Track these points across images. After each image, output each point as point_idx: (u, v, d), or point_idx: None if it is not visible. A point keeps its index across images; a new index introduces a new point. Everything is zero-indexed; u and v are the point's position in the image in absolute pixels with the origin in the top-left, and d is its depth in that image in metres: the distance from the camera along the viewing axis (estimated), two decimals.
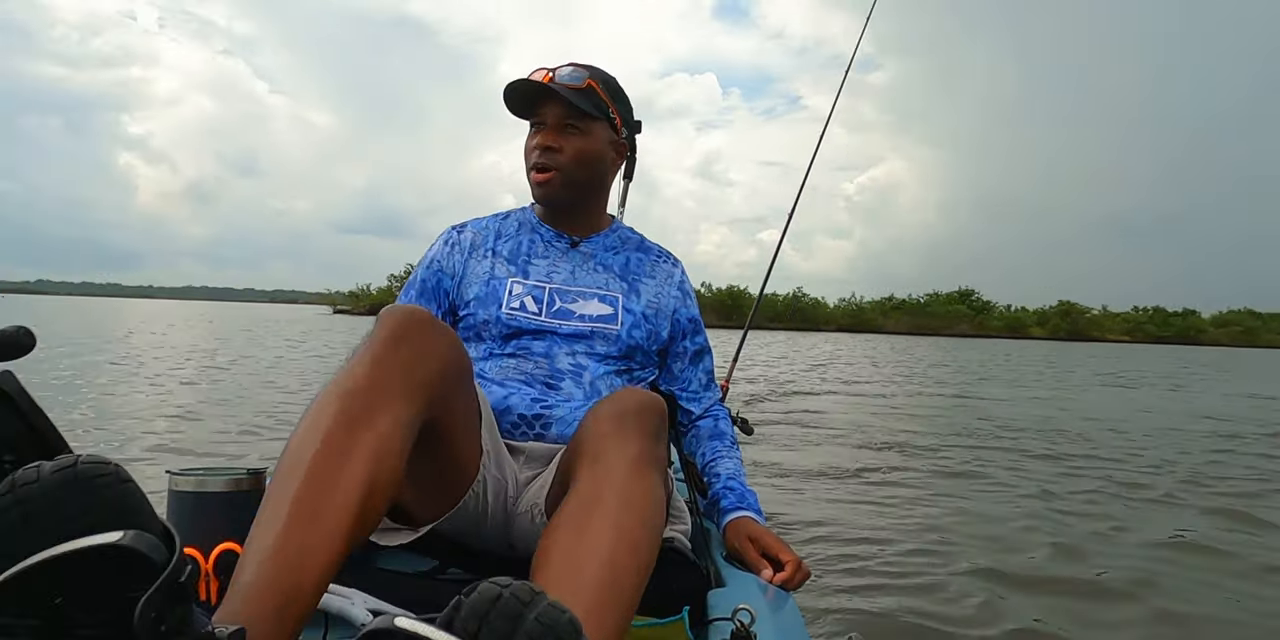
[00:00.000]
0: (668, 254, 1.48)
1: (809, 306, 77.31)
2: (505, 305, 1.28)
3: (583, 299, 1.32)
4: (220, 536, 0.90)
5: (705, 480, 1.34)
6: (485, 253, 1.35)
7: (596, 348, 1.29)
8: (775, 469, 4.03)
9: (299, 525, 0.70)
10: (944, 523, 3.09)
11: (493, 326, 1.27)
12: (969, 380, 11.89)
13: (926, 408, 7.66)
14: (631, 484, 0.86)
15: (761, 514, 1.26)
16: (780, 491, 3.52)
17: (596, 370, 1.27)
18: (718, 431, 1.41)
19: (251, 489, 0.96)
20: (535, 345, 1.26)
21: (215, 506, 0.92)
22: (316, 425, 0.79)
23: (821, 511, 3.19)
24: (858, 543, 2.76)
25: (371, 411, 0.81)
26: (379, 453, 0.78)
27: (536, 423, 1.19)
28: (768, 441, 4.86)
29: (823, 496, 3.47)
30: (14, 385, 0.73)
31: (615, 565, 0.77)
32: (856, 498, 3.47)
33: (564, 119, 1.29)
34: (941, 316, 74.79)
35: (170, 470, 0.93)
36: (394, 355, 0.86)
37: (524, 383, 1.23)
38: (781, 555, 1.15)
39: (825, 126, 2.40)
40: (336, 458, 0.76)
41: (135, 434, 4.38)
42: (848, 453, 4.66)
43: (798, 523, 2.97)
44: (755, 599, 0.99)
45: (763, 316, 74.31)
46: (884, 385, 10.22)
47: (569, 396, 1.23)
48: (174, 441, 4.19)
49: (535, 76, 1.29)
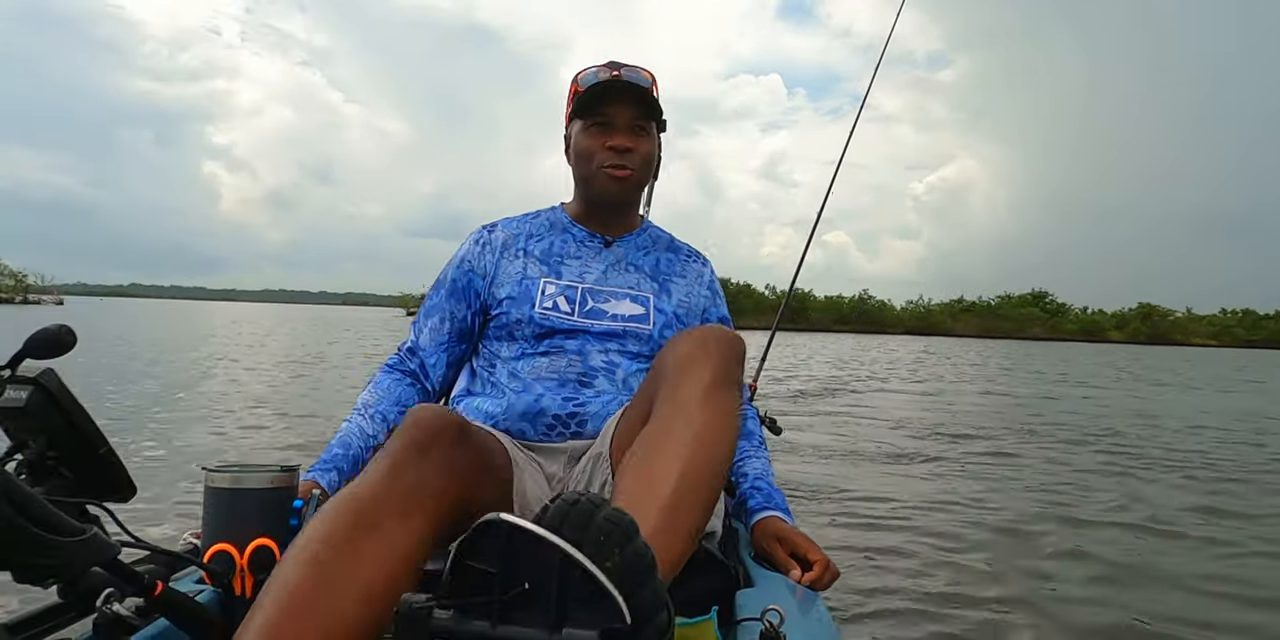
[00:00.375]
0: (697, 253, 1.48)
1: (875, 309, 76.49)
2: (538, 305, 1.29)
3: (615, 299, 1.33)
4: (255, 532, 0.93)
5: (733, 480, 1.33)
6: (517, 252, 1.36)
7: (629, 346, 1.29)
8: (817, 463, 4.02)
9: (289, 619, 0.69)
10: (989, 526, 3.01)
11: (525, 326, 1.29)
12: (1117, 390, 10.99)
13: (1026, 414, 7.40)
14: (707, 407, 0.92)
15: (790, 513, 1.25)
16: (817, 484, 3.49)
17: (629, 368, 1.28)
18: (745, 432, 1.39)
19: (286, 486, 0.99)
20: (568, 343, 1.27)
21: (250, 503, 0.95)
22: (324, 526, 0.77)
23: (859, 508, 3.15)
24: (890, 542, 2.72)
25: (381, 518, 0.79)
26: (383, 559, 0.76)
27: (571, 421, 1.20)
28: (805, 450, 4.79)
29: (867, 493, 3.41)
30: (55, 383, 0.77)
31: (690, 474, 0.85)
32: (900, 497, 3.41)
33: (635, 120, 1.31)
34: (1013, 319, 73.12)
35: (206, 466, 0.96)
36: (413, 468, 0.84)
37: (556, 382, 1.24)
38: (810, 555, 1.14)
39: (855, 122, 2.36)
40: (340, 559, 0.74)
41: (272, 430, 4.64)
42: (892, 451, 4.58)
43: (836, 516, 2.92)
44: (784, 599, 0.98)
45: (828, 319, 73.92)
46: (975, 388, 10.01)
47: (601, 392, 1.24)
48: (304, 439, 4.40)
49: (603, 76, 1.30)
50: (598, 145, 1.31)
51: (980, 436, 5.54)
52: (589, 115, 1.31)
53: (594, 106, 1.30)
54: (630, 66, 1.33)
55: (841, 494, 3.48)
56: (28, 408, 0.76)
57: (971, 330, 69.66)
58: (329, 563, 0.73)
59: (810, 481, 3.69)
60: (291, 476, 1.00)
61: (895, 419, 6.26)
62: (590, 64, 1.36)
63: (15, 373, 0.71)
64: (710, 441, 0.90)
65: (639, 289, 1.36)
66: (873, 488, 3.63)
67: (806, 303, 72.52)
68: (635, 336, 1.30)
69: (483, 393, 1.28)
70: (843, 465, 4.24)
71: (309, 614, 0.70)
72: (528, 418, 1.20)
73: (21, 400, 0.75)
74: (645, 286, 1.36)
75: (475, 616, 0.62)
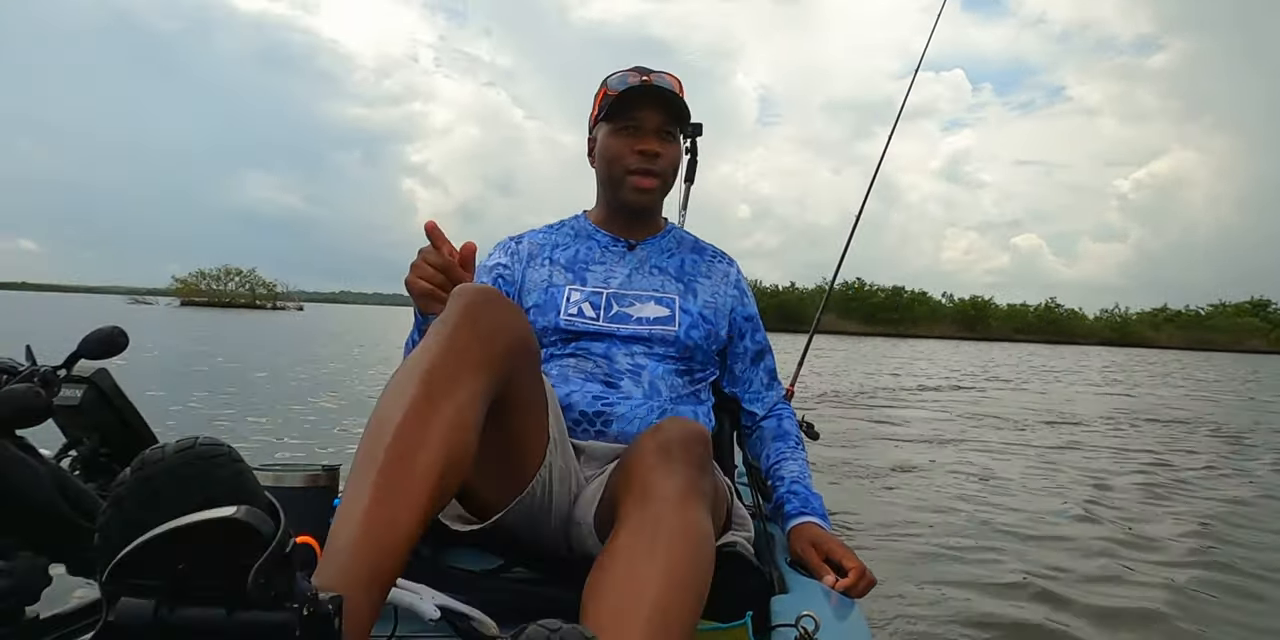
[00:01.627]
0: (723, 254, 1.48)
1: (1063, 318, 72.81)
2: (563, 311, 1.30)
3: (639, 302, 1.33)
4: (296, 530, 0.95)
5: (769, 484, 1.32)
6: (543, 261, 1.38)
7: (655, 348, 1.30)
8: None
9: (384, 497, 0.73)
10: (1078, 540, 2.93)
11: (551, 333, 1.30)
12: None
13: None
14: (677, 520, 0.86)
15: (827, 518, 1.23)
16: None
17: (656, 370, 1.28)
18: (781, 432, 1.38)
19: (327, 485, 1.01)
20: (594, 346, 1.28)
21: (291, 501, 0.97)
22: (400, 397, 0.81)
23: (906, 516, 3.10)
24: (938, 547, 2.67)
25: (452, 382, 0.83)
26: (456, 425, 0.81)
27: (598, 420, 1.20)
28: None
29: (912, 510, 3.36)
30: (109, 382, 0.80)
31: (665, 607, 0.77)
32: (955, 509, 3.35)
33: (664, 125, 1.32)
34: (1226, 330, 67.01)
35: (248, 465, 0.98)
36: (470, 329, 0.89)
37: (584, 380, 1.25)
38: (845, 561, 1.12)
39: (899, 115, 2.31)
40: (419, 429, 0.78)
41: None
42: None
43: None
44: (820, 606, 0.97)
45: (1008, 328, 69.42)
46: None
47: (629, 395, 1.24)
48: None
49: (633, 80, 1.31)
50: (626, 149, 1.32)
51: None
52: (618, 119, 1.32)
53: (624, 110, 1.31)
54: (659, 72, 1.34)
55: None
56: (82, 406, 0.78)
57: (1176, 342, 63.99)
58: (409, 437, 0.77)
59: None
60: (332, 476, 1.02)
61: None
62: (618, 68, 1.38)
63: (71, 372, 0.73)
64: (688, 556, 0.84)
65: (664, 291, 1.36)
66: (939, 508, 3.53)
67: (987, 311, 70.46)
68: (661, 339, 1.30)
69: None
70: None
71: (402, 490, 0.74)
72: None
73: (76, 399, 0.78)
74: (670, 288, 1.37)
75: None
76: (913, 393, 9.88)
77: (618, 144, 1.33)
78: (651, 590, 0.78)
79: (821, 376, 11.61)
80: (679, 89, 1.33)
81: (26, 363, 0.68)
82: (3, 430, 0.63)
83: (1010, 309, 74.57)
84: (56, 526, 0.67)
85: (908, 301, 76.43)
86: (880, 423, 6.63)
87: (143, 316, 27.08)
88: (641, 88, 1.29)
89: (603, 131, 1.35)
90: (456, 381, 0.84)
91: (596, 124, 1.38)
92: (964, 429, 6.43)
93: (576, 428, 1.21)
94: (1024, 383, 12.60)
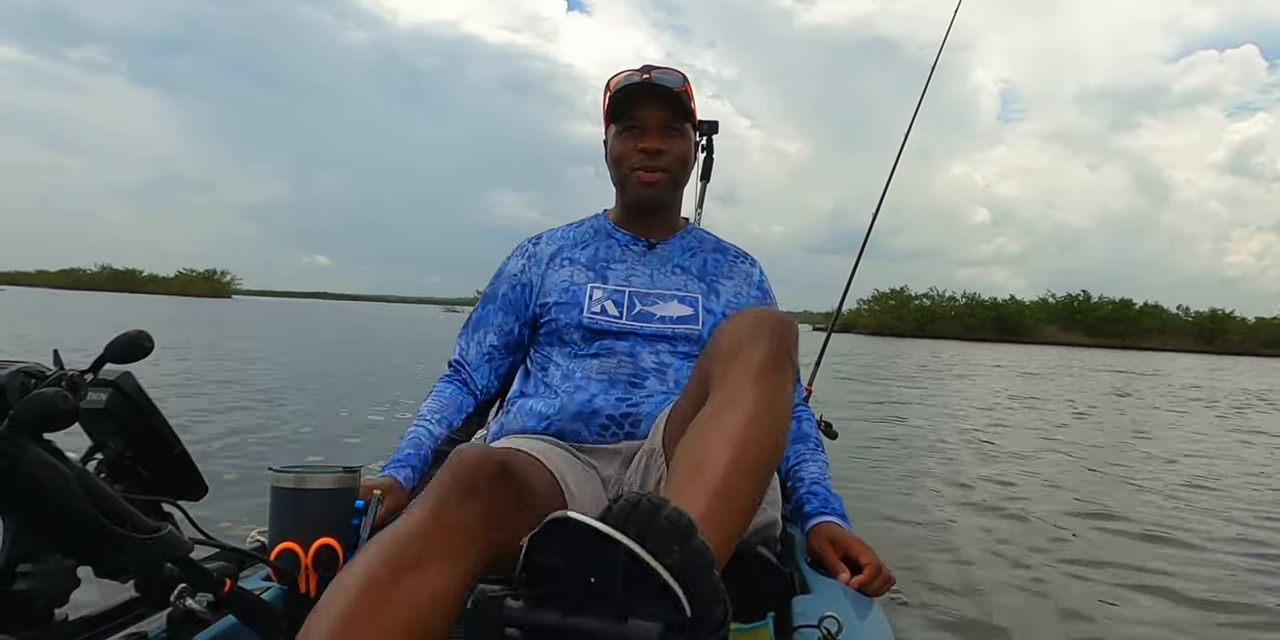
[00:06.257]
0: (745, 254, 1.48)
1: None
2: (586, 310, 1.31)
3: (662, 301, 1.33)
4: (319, 532, 0.96)
5: (789, 484, 1.31)
6: (563, 261, 1.38)
7: (679, 347, 1.30)
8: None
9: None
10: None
11: (575, 331, 1.30)
12: None
13: None
14: (758, 390, 0.91)
15: (847, 519, 1.23)
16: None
17: (680, 368, 1.27)
18: (801, 433, 1.38)
19: (349, 486, 1.02)
20: (619, 345, 1.28)
21: (314, 502, 0.98)
22: (363, 565, 0.74)
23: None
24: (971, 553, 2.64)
25: (422, 560, 0.75)
26: (419, 600, 0.72)
27: (625, 422, 1.20)
28: None
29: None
30: (133, 385, 0.80)
31: (737, 465, 0.84)
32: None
33: (666, 122, 1.32)
34: None
35: (272, 467, 0.99)
36: (456, 510, 0.80)
37: (608, 382, 1.24)
38: (861, 558, 1.12)
39: (915, 111, 2.28)
40: (375, 600, 0.71)
41: None
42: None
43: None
44: (841, 606, 0.97)
45: (1255, 342, 64.47)
46: None
47: (653, 392, 1.23)
48: None
49: (633, 79, 1.32)
50: (630, 148, 1.33)
51: None
52: (621, 119, 1.34)
53: (626, 110, 1.33)
54: (662, 68, 1.34)
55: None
56: (107, 409, 0.79)
57: None
58: (367, 601, 0.71)
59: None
60: (354, 478, 1.03)
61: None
62: (624, 68, 1.38)
63: (96, 376, 0.74)
64: (761, 425, 0.89)
65: (686, 290, 1.36)
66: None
67: (1227, 325, 66.83)
68: (685, 337, 1.30)
69: (536, 394, 1.29)
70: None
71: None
72: (581, 418, 1.20)
73: (102, 402, 0.78)
74: (693, 287, 1.37)
75: (545, 607, 0.65)
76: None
77: (622, 144, 1.34)
78: (730, 447, 0.85)
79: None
80: (685, 83, 1.33)
81: (54, 367, 0.68)
82: (31, 434, 0.63)
83: (1260, 322, 69.86)
84: (84, 529, 0.67)
85: (1138, 315, 73.15)
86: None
87: (456, 321, 27.94)
88: (639, 85, 1.30)
89: (611, 133, 1.37)
90: (429, 559, 0.75)
91: (608, 127, 1.39)
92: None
93: (605, 433, 1.20)
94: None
